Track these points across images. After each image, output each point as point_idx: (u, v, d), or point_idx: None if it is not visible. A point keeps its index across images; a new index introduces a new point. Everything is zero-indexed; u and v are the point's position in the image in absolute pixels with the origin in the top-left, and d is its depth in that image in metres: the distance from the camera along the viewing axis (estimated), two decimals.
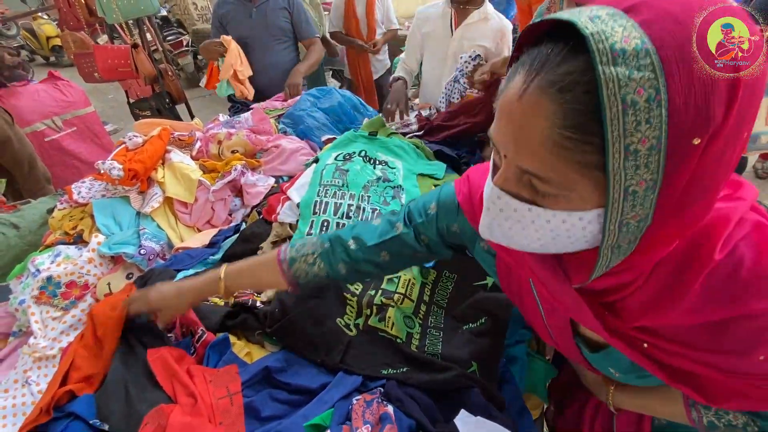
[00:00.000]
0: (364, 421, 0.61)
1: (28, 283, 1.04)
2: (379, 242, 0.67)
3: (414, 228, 0.66)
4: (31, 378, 0.90)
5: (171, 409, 0.60)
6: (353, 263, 0.69)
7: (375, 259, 0.68)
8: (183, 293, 0.75)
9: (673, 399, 0.56)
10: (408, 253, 0.67)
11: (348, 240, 0.69)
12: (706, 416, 0.53)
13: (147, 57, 2.26)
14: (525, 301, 0.60)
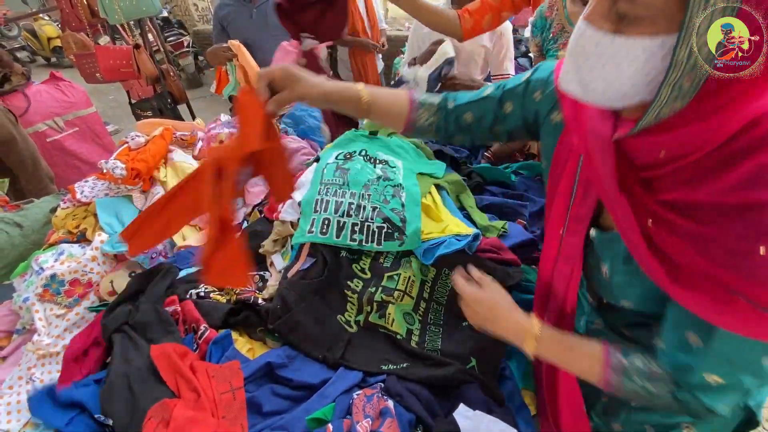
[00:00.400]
0: (364, 415, 0.62)
1: (31, 281, 1.05)
2: (468, 101, 0.74)
3: (502, 92, 0.71)
4: (35, 375, 0.91)
5: (174, 404, 0.61)
6: (446, 122, 0.76)
7: (460, 119, 0.75)
8: (323, 82, 0.71)
9: (593, 357, 0.58)
10: (488, 120, 0.72)
11: (450, 99, 0.77)
12: (626, 380, 0.55)
13: (149, 57, 2.27)
14: (560, 185, 0.64)
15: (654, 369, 0.55)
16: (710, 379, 0.51)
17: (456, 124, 0.76)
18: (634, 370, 0.56)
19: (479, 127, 0.75)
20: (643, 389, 0.55)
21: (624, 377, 0.56)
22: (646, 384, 0.55)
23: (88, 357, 0.82)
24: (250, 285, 0.90)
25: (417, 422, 0.65)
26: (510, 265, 0.93)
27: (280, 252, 0.98)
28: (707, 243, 0.44)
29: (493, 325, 0.68)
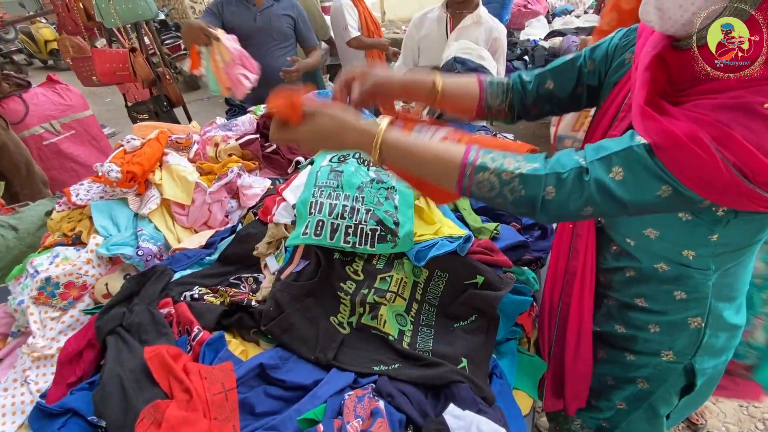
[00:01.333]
0: (355, 416, 0.62)
1: (26, 284, 1.05)
2: (550, 68, 0.81)
3: (589, 51, 0.77)
4: (30, 377, 0.91)
5: (167, 405, 0.62)
6: (524, 95, 0.82)
7: (541, 87, 0.80)
8: (394, 76, 0.76)
9: (449, 152, 0.59)
10: (571, 83, 0.78)
11: (524, 75, 0.83)
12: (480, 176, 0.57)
13: (145, 61, 2.28)
14: (606, 116, 0.70)
15: (513, 160, 0.58)
16: (614, 170, 0.54)
17: (536, 94, 0.81)
18: (489, 157, 0.58)
19: (561, 91, 0.80)
20: (496, 175, 0.57)
21: (477, 170, 0.58)
22: (502, 165, 0.57)
23: (82, 359, 0.83)
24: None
25: (407, 422, 0.66)
26: (502, 267, 0.94)
27: (274, 254, 0.99)
28: (723, 103, 0.48)
29: (334, 138, 0.63)
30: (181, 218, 1.24)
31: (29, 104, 2.65)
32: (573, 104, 0.83)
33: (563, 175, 0.55)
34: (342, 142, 0.63)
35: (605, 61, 0.75)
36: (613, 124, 0.70)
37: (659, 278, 0.71)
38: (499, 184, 0.57)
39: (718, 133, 0.47)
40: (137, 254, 1.09)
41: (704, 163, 0.48)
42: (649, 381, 0.80)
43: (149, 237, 1.16)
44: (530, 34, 4.09)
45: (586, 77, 0.78)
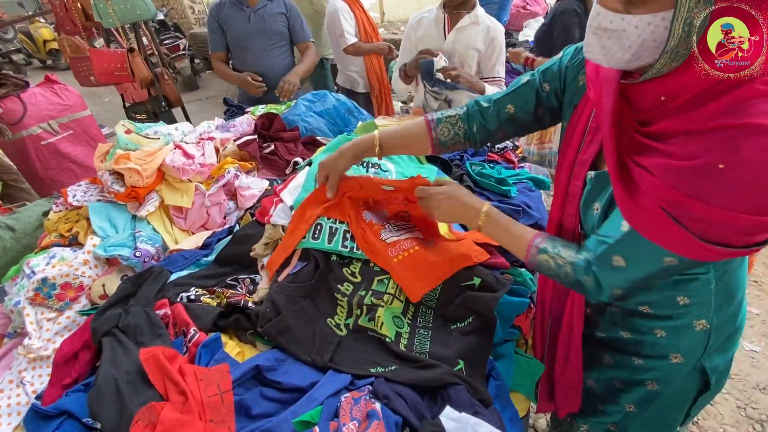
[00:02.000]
0: (351, 418, 0.62)
1: (23, 285, 1.05)
2: (507, 92, 0.85)
3: (541, 74, 0.81)
4: (25, 378, 0.91)
5: (162, 407, 0.61)
6: (484, 121, 0.86)
7: (501, 112, 0.84)
8: (343, 152, 0.92)
9: (523, 237, 0.75)
10: (530, 105, 0.82)
11: (482, 101, 0.87)
12: (541, 253, 0.71)
13: (143, 61, 2.28)
14: (573, 137, 0.75)
15: (570, 250, 0.69)
16: (615, 259, 0.63)
17: (497, 119, 0.85)
18: (551, 244, 0.71)
19: (523, 113, 0.84)
20: (553, 258, 0.70)
21: (540, 252, 0.72)
22: (559, 251, 0.70)
23: (78, 360, 0.82)
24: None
25: (404, 425, 0.66)
26: (498, 269, 0.94)
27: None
28: (676, 166, 0.53)
29: (453, 212, 0.82)
30: (179, 221, 1.24)
31: (27, 104, 2.65)
32: (536, 125, 0.86)
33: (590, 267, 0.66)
34: (456, 216, 0.84)
35: (558, 82, 0.79)
36: (581, 148, 0.73)
37: (661, 285, 0.72)
38: (555, 266, 0.70)
39: (673, 199, 0.53)
40: (135, 255, 1.09)
41: (676, 235, 0.54)
42: (658, 382, 0.80)
43: (147, 239, 1.16)
44: (529, 35, 4.09)
45: (545, 99, 0.81)
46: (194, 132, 1.41)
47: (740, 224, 0.50)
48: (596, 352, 0.87)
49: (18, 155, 2.74)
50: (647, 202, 0.55)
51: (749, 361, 1.80)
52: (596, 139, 0.71)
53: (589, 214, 0.72)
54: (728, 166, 0.48)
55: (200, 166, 1.26)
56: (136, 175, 1.17)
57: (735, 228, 0.50)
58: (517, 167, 1.51)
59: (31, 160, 2.72)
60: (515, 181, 1.37)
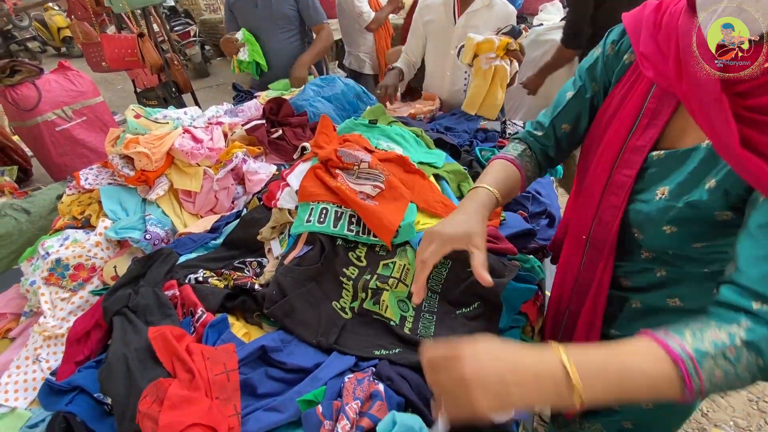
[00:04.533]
0: (354, 398, 0.63)
1: (38, 266, 1.07)
2: (557, 113, 0.79)
3: (587, 75, 0.75)
4: (41, 355, 0.94)
5: (169, 383, 0.63)
6: (545, 149, 0.82)
7: (557, 132, 0.79)
8: (470, 216, 0.69)
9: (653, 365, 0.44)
10: (586, 116, 0.76)
11: (533, 129, 0.83)
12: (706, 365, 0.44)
13: (153, 46, 2.28)
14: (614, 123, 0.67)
15: (715, 327, 0.46)
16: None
17: (556, 140, 0.81)
18: (693, 339, 0.45)
19: (578, 126, 0.78)
20: (719, 355, 0.44)
21: (699, 357, 0.43)
22: (712, 339, 0.45)
23: (90, 338, 0.84)
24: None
25: (406, 405, 0.66)
26: (506, 254, 0.93)
27: (278, 239, 0.99)
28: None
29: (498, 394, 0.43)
30: (188, 205, 1.25)
31: (42, 91, 2.69)
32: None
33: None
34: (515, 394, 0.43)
35: (606, 74, 0.73)
36: (632, 133, 0.66)
37: (696, 277, 0.65)
38: (731, 365, 0.44)
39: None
40: (145, 238, 1.11)
41: None
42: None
43: (157, 222, 1.17)
44: (544, 20, 3.97)
45: (597, 101, 0.76)
46: (203, 116, 1.41)
47: None
48: None
49: (34, 141, 2.80)
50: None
51: None
52: (657, 123, 0.63)
53: (650, 201, 0.63)
54: None
55: (209, 150, 1.27)
56: (145, 159, 1.18)
57: None
58: None
59: (46, 145, 2.78)
60: None
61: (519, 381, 0.43)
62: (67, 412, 0.67)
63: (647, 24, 0.62)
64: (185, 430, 0.56)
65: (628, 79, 0.68)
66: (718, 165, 0.55)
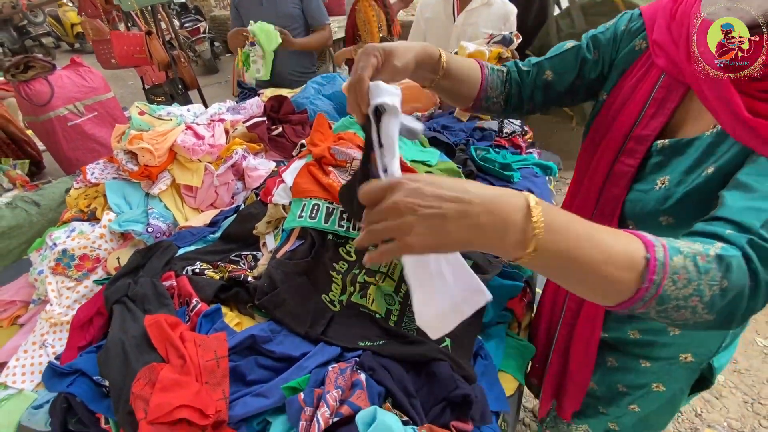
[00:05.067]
0: (335, 386, 0.66)
1: (45, 256, 1.12)
2: (549, 57, 0.76)
3: (591, 39, 0.73)
4: (47, 341, 0.99)
5: (162, 367, 0.66)
6: (520, 86, 0.78)
7: (540, 77, 0.76)
8: (410, 48, 0.62)
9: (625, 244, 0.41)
10: (571, 73, 0.74)
11: (522, 64, 0.79)
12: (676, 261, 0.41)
13: (161, 44, 2.33)
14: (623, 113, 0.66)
15: (697, 243, 0.44)
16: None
17: (533, 85, 0.77)
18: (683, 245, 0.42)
19: (561, 82, 0.76)
20: (688, 260, 0.41)
21: (671, 253, 0.41)
22: (690, 246, 0.42)
23: (92, 325, 0.89)
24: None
25: (387, 395, 0.69)
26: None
27: (273, 233, 1.03)
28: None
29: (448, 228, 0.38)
30: (189, 199, 1.29)
31: (54, 86, 2.75)
32: (567, 98, 0.79)
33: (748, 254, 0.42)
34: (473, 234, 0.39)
35: (612, 49, 0.71)
36: (638, 122, 0.65)
37: None
38: (697, 272, 0.41)
39: None
40: (147, 231, 1.15)
41: None
42: (665, 383, 0.77)
43: (159, 215, 1.22)
44: None
45: (588, 68, 0.74)
46: (205, 113, 1.45)
47: None
48: (600, 354, 0.81)
49: (46, 135, 2.87)
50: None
51: (761, 357, 1.76)
52: (663, 111, 0.62)
53: (648, 192, 0.62)
54: None
55: (210, 146, 1.31)
56: (148, 155, 1.22)
57: None
58: (525, 153, 1.49)
59: (58, 140, 2.85)
60: (520, 166, 1.36)
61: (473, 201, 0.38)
62: (68, 393, 0.72)
63: (663, 13, 0.62)
64: (173, 410, 0.59)
65: (639, 70, 0.67)
66: (718, 152, 0.54)
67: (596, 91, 0.76)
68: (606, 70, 0.73)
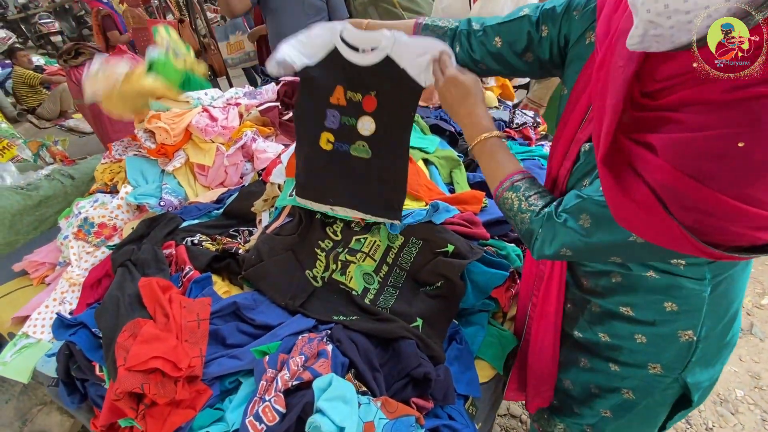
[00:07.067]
0: (300, 353, 0.69)
1: (71, 223, 1.24)
2: (501, 21, 0.73)
3: (540, 14, 0.69)
4: (66, 299, 1.09)
5: (145, 323, 0.73)
6: (469, 46, 0.76)
7: (488, 42, 0.74)
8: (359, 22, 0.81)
9: (502, 170, 0.69)
10: (521, 44, 0.71)
11: (475, 23, 0.76)
12: (508, 194, 0.66)
13: (192, 32, 2.44)
14: (575, 111, 0.66)
15: (541, 200, 0.63)
16: (582, 218, 0.57)
17: (483, 49, 0.74)
18: (527, 186, 0.66)
19: (510, 52, 0.73)
20: (519, 200, 0.65)
21: (510, 188, 0.66)
22: (529, 197, 0.64)
23: (101, 285, 0.98)
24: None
25: (350, 367, 0.72)
26: (477, 239, 0.95)
27: (269, 211, 1.07)
28: (683, 138, 0.45)
29: (459, 108, 0.73)
30: (201, 178, 1.37)
31: None
32: (526, 70, 0.75)
33: (545, 217, 0.61)
34: (460, 114, 0.74)
35: (559, 31, 0.67)
36: (581, 125, 0.63)
37: (648, 287, 0.65)
38: (517, 209, 0.65)
39: (670, 181, 0.46)
40: (160, 204, 1.24)
41: (660, 225, 0.48)
42: (635, 392, 0.75)
43: (172, 191, 1.30)
44: None
45: (537, 44, 0.69)
46: (222, 97, 1.52)
47: (751, 217, 0.43)
48: (574, 354, 0.81)
49: (93, 118, 3.10)
50: (640, 193, 0.48)
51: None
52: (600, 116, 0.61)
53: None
54: (749, 144, 0.41)
55: (222, 128, 1.37)
56: (164, 134, 1.31)
57: (744, 221, 0.44)
58: (534, 144, 1.45)
59: (103, 122, 3.08)
60: (526, 157, 1.33)
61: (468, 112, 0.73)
62: (70, 341, 0.80)
63: (609, 2, 0.58)
64: (149, 360, 0.65)
65: (589, 67, 0.62)
66: None
67: (557, 71, 0.72)
68: (561, 51, 0.69)
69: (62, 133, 4.29)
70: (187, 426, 0.68)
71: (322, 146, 0.86)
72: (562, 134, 0.67)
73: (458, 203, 1.02)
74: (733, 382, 1.63)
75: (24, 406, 1.29)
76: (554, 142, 0.71)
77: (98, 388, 0.79)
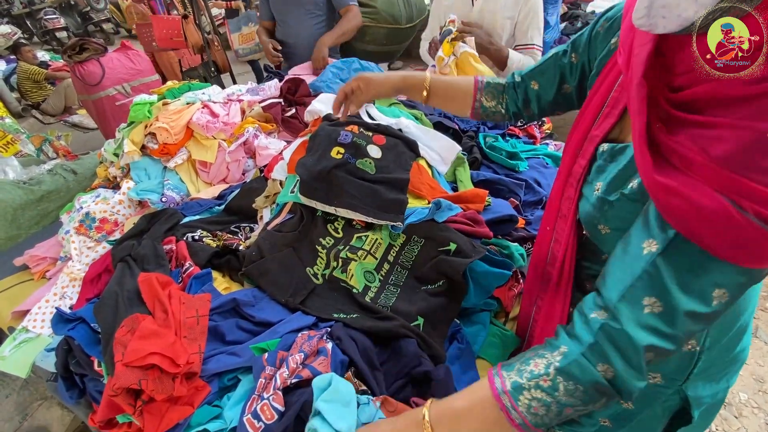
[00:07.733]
0: (299, 350, 0.68)
1: (73, 217, 1.23)
2: (534, 67, 0.79)
3: (570, 45, 0.73)
4: (66, 293, 1.09)
5: (144, 318, 0.72)
6: (516, 96, 0.82)
7: (528, 88, 0.79)
8: (389, 78, 0.93)
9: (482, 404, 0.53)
10: (554, 82, 0.75)
11: (517, 74, 0.82)
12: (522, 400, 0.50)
13: (195, 28, 2.44)
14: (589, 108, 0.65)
15: (543, 349, 0.52)
16: (646, 302, 0.46)
17: (524, 96, 0.80)
18: (516, 371, 0.51)
19: (547, 91, 0.78)
20: (533, 386, 0.50)
21: (514, 391, 0.50)
22: (531, 371, 0.51)
23: (101, 280, 0.97)
24: None
25: (350, 365, 0.71)
26: (480, 238, 0.94)
27: (270, 207, 1.07)
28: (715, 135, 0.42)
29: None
30: (203, 174, 1.36)
31: (105, 68, 2.96)
32: (565, 103, 0.78)
33: (598, 344, 0.47)
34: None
35: (588, 50, 0.69)
36: (596, 121, 0.63)
37: None
38: (548, 395, 0.48)
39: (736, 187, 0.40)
40: (161, 200, 1.23)
41: (742, 231, 0.40)
42: (634, 402, 0.72)
43: (173, 187, 1.30)
44: (599, 6, 3.73)
45: (570, 73, 0.73)
46: (222, 93, 1.51)
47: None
48: None
49: (97, 113, 3.10)
50: (695, 191, 0.42)
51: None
52: (614, 112, 0.60)
53: (589, 197, 0.62)
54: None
55: (223, 124, 1.36)
56: (165, 133, 1.30)
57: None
58: (539, 143, 1.44)
59: (107, 118, 3.08)
60: (530, 156, 1.32)
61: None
62: (69, 336, 0.79)
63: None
64: (147, 356, 0.65)
65: (608, 67, 0.64)
66: None
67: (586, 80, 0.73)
68: (588, 71, 0.71)
69: (66, 129, 4.31)
70: (184, 422, 0.67)
71: (332, 155, 0.96)
72: (575, 131, 0.67)
73: (461, 201, 1.01)
74: (737, 385, 1.62)
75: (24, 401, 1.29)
76: (568, 138, 0.70)
77: (97, 383, 0.78)
